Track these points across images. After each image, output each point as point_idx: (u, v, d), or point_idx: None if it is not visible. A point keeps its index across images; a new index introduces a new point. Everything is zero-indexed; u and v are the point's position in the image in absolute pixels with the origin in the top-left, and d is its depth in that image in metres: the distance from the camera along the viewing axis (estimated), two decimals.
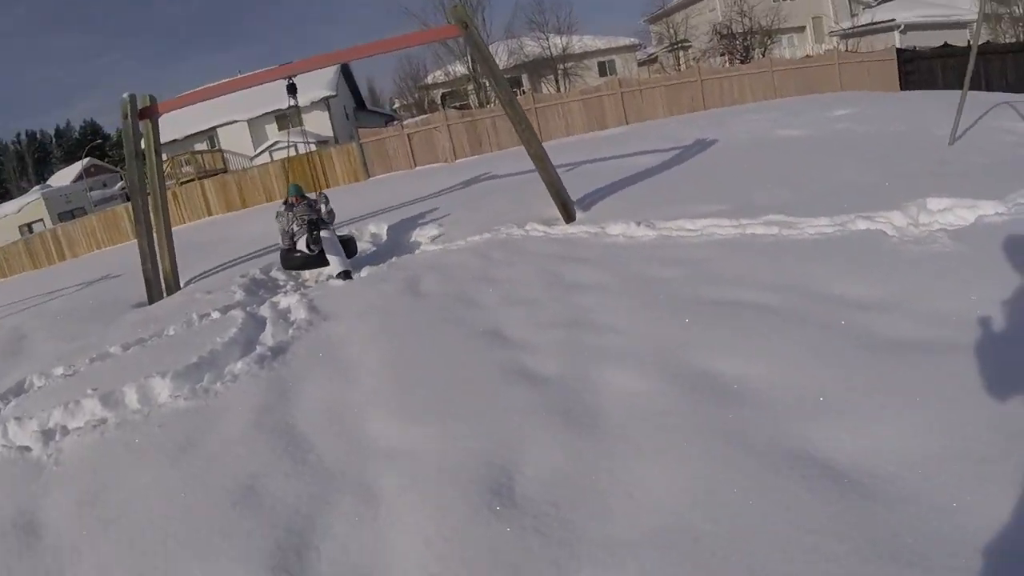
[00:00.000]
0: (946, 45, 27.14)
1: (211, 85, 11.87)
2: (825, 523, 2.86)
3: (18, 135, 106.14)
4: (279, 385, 5.26)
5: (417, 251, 10.08)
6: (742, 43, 42.42)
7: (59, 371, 7.42)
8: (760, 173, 10.64)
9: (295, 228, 9.62)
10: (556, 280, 6.91)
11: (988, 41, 27.33)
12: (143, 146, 10.60)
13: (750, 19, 42.58)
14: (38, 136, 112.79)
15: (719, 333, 4.84)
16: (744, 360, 4.38)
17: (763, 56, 39.16)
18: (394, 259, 9.73)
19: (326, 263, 9.59)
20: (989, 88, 21.49)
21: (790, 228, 7.28)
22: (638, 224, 8.49)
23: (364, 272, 9.12)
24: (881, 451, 3.26)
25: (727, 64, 39.46)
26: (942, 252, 5.81)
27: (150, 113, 10.50)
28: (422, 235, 11.13)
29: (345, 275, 9.24)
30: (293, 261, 9.78)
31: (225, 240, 15.01)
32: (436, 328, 6.03)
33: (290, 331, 6.66)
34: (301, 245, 9.50)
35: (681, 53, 49.62)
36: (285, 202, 9.96)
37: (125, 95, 10.33)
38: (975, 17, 12.63)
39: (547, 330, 5.51)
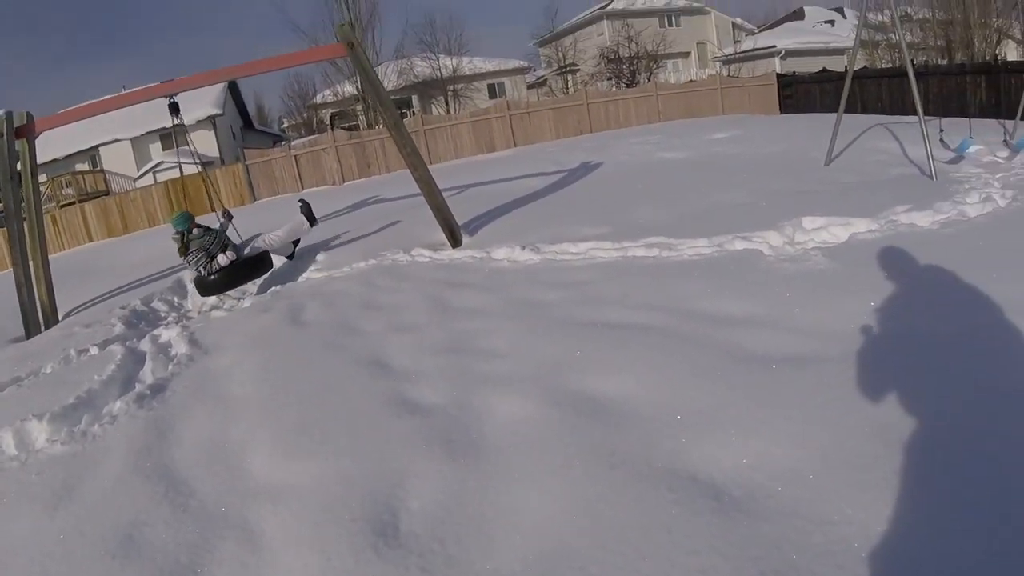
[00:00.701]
0: (824, 70, 28.47)
1: (92, 102, 11.47)
2: (709, 542, 2.91)
3: None
4: (158, 425, 5.13)
5: (301, 278, 9.97)
6: (628, 68, 43.55)
7: None
8: (642, 196, 10.99)
9: (192, 259, 9.40)
10: (441, 305, 6.96)
11: (865, 66, 28.76)
12: (19, 167, 10.18)
13: (637, 44, 43.73)
14: None
15: (599, 354, 4.96)
16: (624, 380, 4.49)
17: (648, 80, 40.22)
18: (277, 287, 9.61)
19: (243, 282, 9.72)
20: (865, 111, 22.64)
21: (670, 250, 7.53)
22: (523, 248, 8.64)
23: (247, 302, 9.01)
24: (760, 466, 3.36)
25: (614, 88, 40.40)
26: (816, 269, 6.11)
27: (27, 132, 10.06)
28: (306, 261, 11.02)
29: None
30: (207, 286, 9.53)
31: (106, 267, 14.51)
32: (318, 359, 6.00)
33: (170, 367, 6.52)
34: (223, 261, 9.31)
35: (569, 76, 50.61)
36: (180, 236, 9.44)
37: (0, 112, 9.88)
38: (852, 44, 13.36)
39: (431, 357, 5.55)
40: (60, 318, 10.18)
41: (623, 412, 4.11)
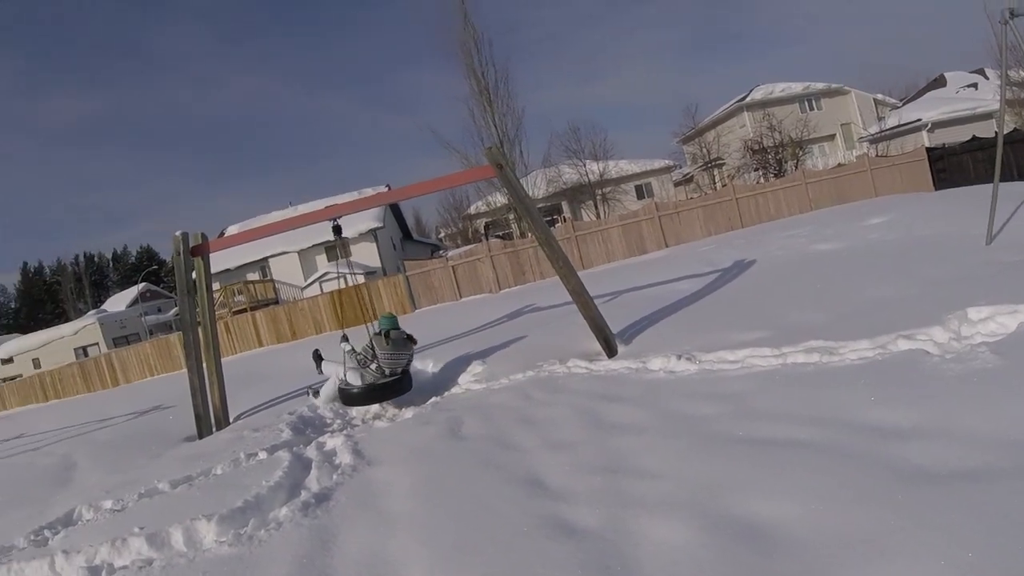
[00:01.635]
0: (974, 138, 26.91)
1: (260, 226, 12.49)
2: None
3: (76, 257, 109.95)
4: (321, 534, 5.39)
5: (460, 390, 10.25)
6: (774, 156, 42.96)
7: (108, 504, 7.64)
8: (798, 294, 10.76)
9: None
10: (596, 421, 6.96)
11: (1015, 128, 27.14)
12: (194, 281, 11.07)
13: (780, 132, 43.25)
14: (96, 259, 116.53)
15: (757, 475, 4.84)
16: (783, 503, 4.35)
17: (796, 168, 39.63)
18: (438, 399, 9.93)
19: (389, 396, 10.01)
20: (1022, 177, 21.37)
21: (831, 354, 7.31)
22: (679, 358, 8.58)
23: (408, 413, 9.33)
24: None
25: (761, 179, 39.96)
26: (984, 368, 5.78)
27: (201, 251, 11.04)
28: (466, 373, 11.28)
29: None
30: (351, 396, 9.96)
31: (275, 373, 15.32)
32: (475, 475, 6.13)
33: (334, 476, 6.84)
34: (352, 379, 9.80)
35: (716, 171, 50.45)
36: (383, 334, 10.02)
37: (178, 233, 10.84)
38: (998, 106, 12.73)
39: (585, 476, 5.55)
40: (231, 421, 10.84)
41: (783, 539, 3.99)
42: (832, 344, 7.61)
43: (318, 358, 11.06)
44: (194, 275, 11.12)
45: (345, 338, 10.32)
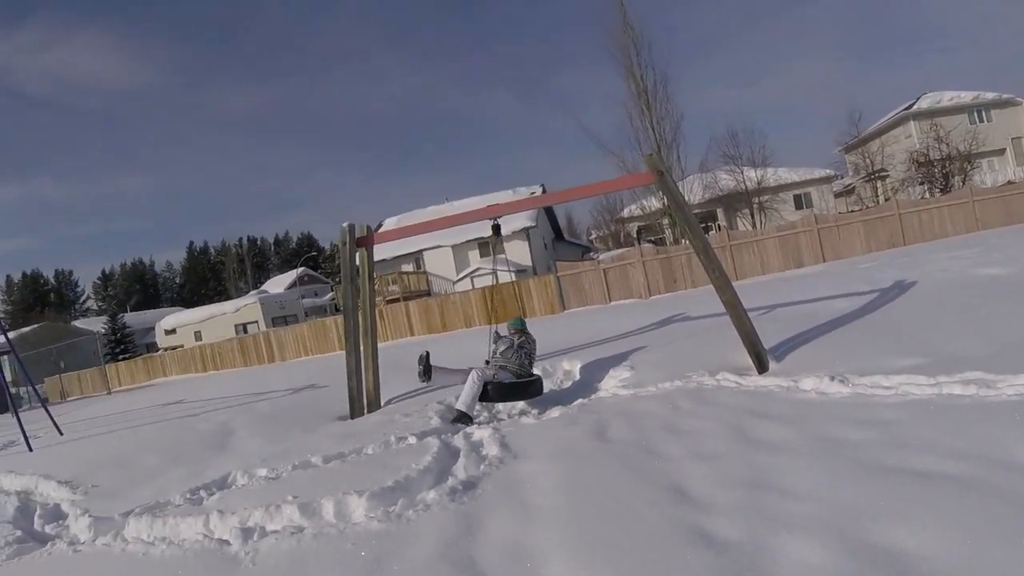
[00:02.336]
0: None
1: (423, 222, 12.89)
2: None
3: (240, 240, 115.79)
4: (467, 520, 5.50)
5: (607, 394, 10.20)
6: (941, 170, 40.71)
7: (262, 472, 8.05)
8: (959, 320, 10.18)
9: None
10: (742, 436, 6.82)
11: None
12: (357, 269, 11.60)
13: (947, 144, 40.93)
14: (258, 243, 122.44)
15: (903, 505, 4.64)
16: (927, 535, 4.18)
17: (963, 184, 37.42)
18: (584, 400, 9.93)
19: (514, 398, 10.11)
20: None
21: (988, 387, 6.89)
22: (832, 379, 8.28)
23: (555, 412, 9.37)
24: None
25: (926, 194, 37.95)
26: None
27: (366, 242, 11.62)
28: (613, 377, 11.21)
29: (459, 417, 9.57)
30: (483, 394, 10.03)
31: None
32: (620, 478, 6.10)
33: (481, 466, 6.95)
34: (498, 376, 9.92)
35: (878, 183, 48.26)
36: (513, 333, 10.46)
37: (345, 224, 11.42)
38: None
39: (729, 490, 5.45)
40: (382, 404, 11.25)
41: (925, 571, 3.83)
42: (991, 377, 7.17)
43: (426, 363, 10.55)
44: (357, 263, 11.62)
45: (497, 335, 10.50)
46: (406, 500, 6.09)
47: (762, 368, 9.73)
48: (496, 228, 11.09)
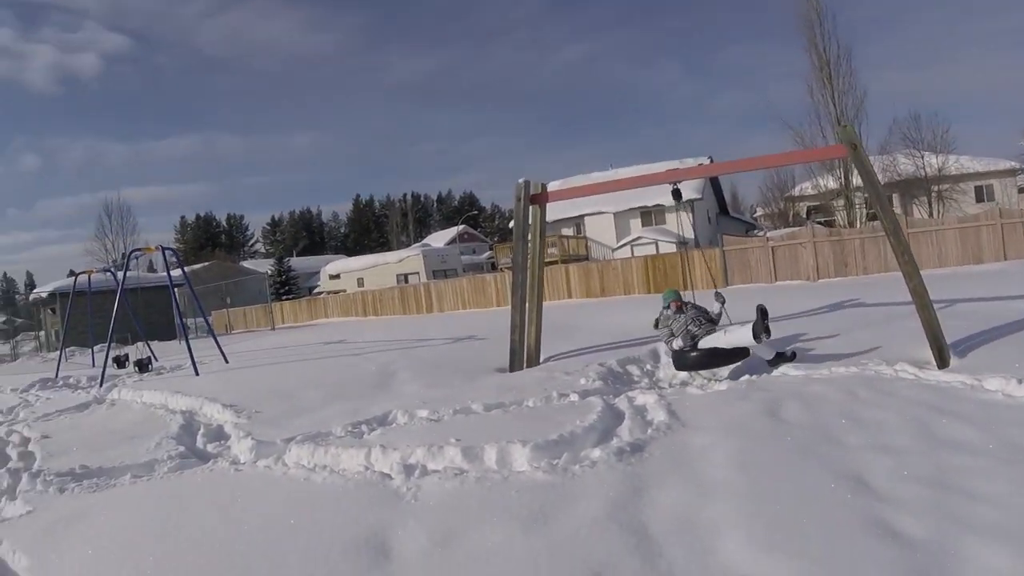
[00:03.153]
0: None
1: (599, 182, 12.64)
2: None
3: (404, 195, 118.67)
4: (634, 482, 5.29)
5: (776, 373, 9.71)
6: None
7: (423, 414, 8.14)
8: None
9: (671, 333, 9.80)
10: (926, 432, 6.30)
11: None
12: (530, 228, 11.58)
13: None
14: (421, 199, 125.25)
15: None
16: None
17: None
18: (753, 377, 9.48)
19: (719, 364, 9.78)
20: None
21: None
22: (1020, 382, 7.58)
23: (722, 385, 9.00)
24: None
25: None
26: None
27: (540, 199, 11.58)
28: (783, 358, 10.76)
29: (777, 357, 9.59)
30: (686, 361, 9.81)
31: (584, 326, 15.57)
32: (796, 461, 5.74)
33: (648, 431, 6.70)
34: (675, 345, 9.62)
35: None
36: (672, 307, 10.13)
37: (521, 180, 11.38)
38: None
39: (912, 485, 5.06)
40: (541, 361, 11.15)
41: None
42: None
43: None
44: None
45: (680, 306, 10.19)
46: (570, 455, 5.94)
47: (943, 363, 9.03)
48: (677, 193, 10.80)
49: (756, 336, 9.19)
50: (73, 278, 20.74)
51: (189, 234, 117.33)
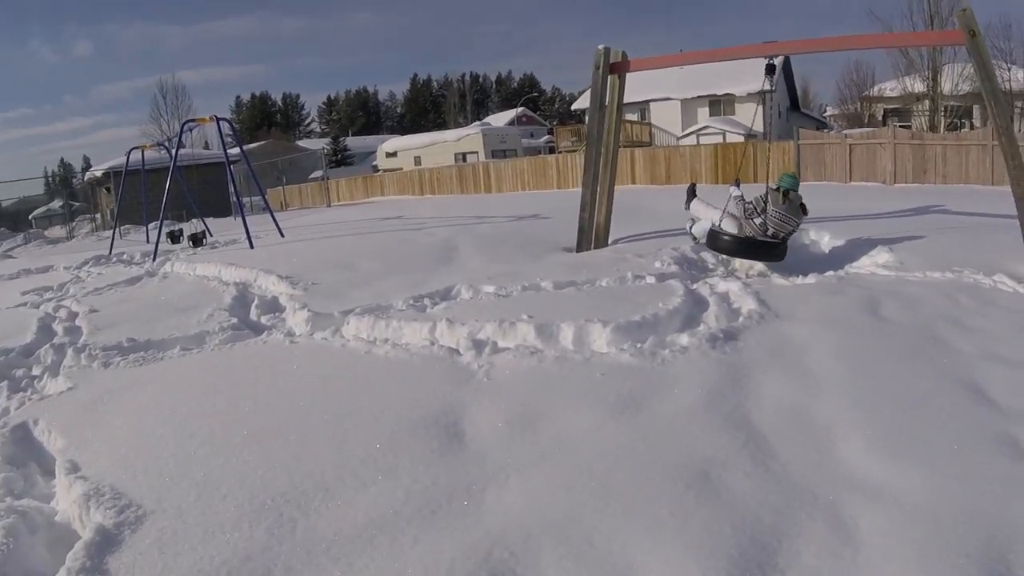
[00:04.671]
0: None
1: (686, 52, 11.81)
2: None
3: (463, 76, 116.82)
4: (732, 372, 4.80)
5: (866, 271, 9.05)
6: None
7: (489, 289, 7.73)
8: None
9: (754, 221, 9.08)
10: None
11: None
12: (607, 100, 10.79)
13: None
14: (480, 80, 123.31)
15: None
16: None
17: None
18: (840, 272, 8.84)
19: (751, 257, 9.13)
20: None
21: None
22: None
23: (810, 279, 8.35)
24: None
25: None
26: None
27: (620, 68, 10.70)
28: (870, 257, 10.01)
29: None
30: (722, 243, 9.18)
31: (649, 211, 14.95)
32: (905, 361, 5.19)
33: (740, 319, 6.16)
34: (749, 231, 8.95)
35: None
36: (781, 191, 9.17)
37: (600, 47, 10.57)
38: None
39: None
40: (609, 243, 10.62)
41: None
42: None
43: (691, 193, 10.15)
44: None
45: (737, 183, 9.46)
46: (656, 339, 5.45)
47: None
48: (771, 68, 9.94)
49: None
50: (126, 155, 20.36)
51: (244, 114, 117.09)
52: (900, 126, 36.97)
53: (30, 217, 62.16)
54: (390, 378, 5.17)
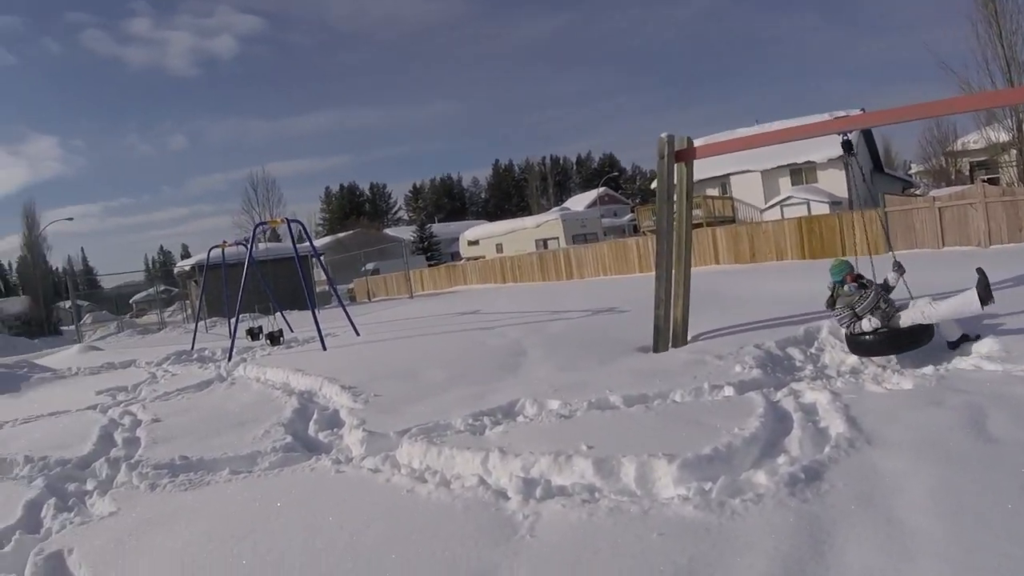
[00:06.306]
0: None
1: (753, 134, 11.34)
2: None
3: (543, 158, 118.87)
4: (812, 528, 4.02)
5: (968, 364, 8.04)
6: None
7: (554, 406, 7.25)
8: None
9: (839, 314, 8.37)
10: None
11: None
12: (675, 189, 10.33)
13: None
14: (560, 162, 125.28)
15: None
16: None
17: None
18: (940, 370, 7.86)
19: (897, 351, 8.30)
20: None
21: None
22: None
23: (907, 382, 7.43)
24: None
25: None
26: None
27: (686, 156, 10.29)
28: (973, 345, 9.04)
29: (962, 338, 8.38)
30: (859, 345, 8.45)
31: (734, 296, 14.23)
32: (1019, 501, 4.31)
33: (826, 448, 5.34)
34: (866, 326, 8.21)
35: None
36: (849, 281, 8.67)
37: (663, 135, 10.16)
38: None
39: None
40: (688, 340, 9.97)
41: None
42: None
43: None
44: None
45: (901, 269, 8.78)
46: (727, 479, 4.70)
47: None
48: (847, 145, 9.31)
49: (983, 301, 7.77)
50: (207, 252, 20.82)
51: (334, 203, 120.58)
52: (987, 179, 35.21)
53: (131, 301, 64.91)
54: (427, 529, 4.59)
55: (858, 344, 8.29)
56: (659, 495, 4.69)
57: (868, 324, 8.12)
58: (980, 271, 8.00)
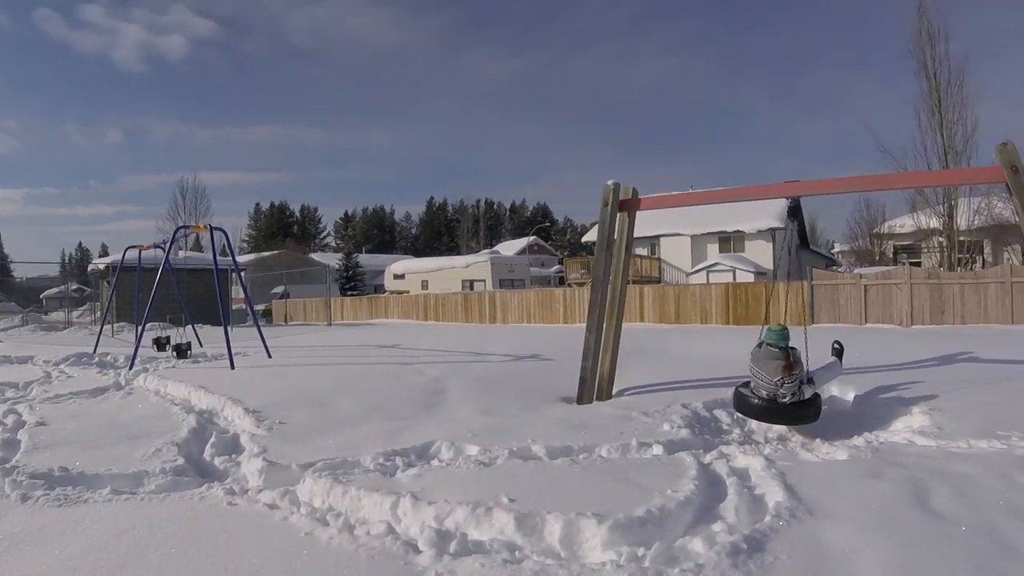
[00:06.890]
0: None
1: (696, 192, 11.21)
2: None
3: (478, 201, 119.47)
4: None
5: (901, 439, 7.82)
6: None
7: (473, 452, 6.77)
8: None
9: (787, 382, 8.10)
10: None
11: None
12: (616, 238, 10.21)
13: None
14: (495, 206, 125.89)
15: None
16: None
17: None
18: (873, 442, 7.65)
19: (785, 423, 8.19)
20: None
21: None
22: None
23: (841, 453, 7.17)
24: None
25: None
26: None
27: (630, 206, 10.18)
28: (903, 419, 8.84)
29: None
30: (746, 406, 8.22)
31: (658, 353, 14.01)
32: None
33: (766, 517, 4.97)
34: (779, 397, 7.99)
35: None
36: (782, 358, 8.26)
37: (610, 182, 10.02)
38: None
39: None
40: (614, 394, 9.66)
41: None
42: None
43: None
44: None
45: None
46: (662, 544, 4.28)
47: None
48: (795, 209, 9.21)
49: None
50: (122, 252, 19.80)
51: (262, 221, 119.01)
52: (911, 263, 36.20)
53: (41, 296, 62.35)
54: None
55: (746, 405, 8.20)
56: (586, 558, 4.25)
57: (808, 391, 8.10)
58: (837, 343, 9.78)
